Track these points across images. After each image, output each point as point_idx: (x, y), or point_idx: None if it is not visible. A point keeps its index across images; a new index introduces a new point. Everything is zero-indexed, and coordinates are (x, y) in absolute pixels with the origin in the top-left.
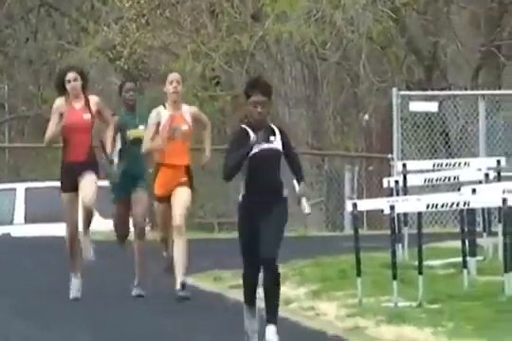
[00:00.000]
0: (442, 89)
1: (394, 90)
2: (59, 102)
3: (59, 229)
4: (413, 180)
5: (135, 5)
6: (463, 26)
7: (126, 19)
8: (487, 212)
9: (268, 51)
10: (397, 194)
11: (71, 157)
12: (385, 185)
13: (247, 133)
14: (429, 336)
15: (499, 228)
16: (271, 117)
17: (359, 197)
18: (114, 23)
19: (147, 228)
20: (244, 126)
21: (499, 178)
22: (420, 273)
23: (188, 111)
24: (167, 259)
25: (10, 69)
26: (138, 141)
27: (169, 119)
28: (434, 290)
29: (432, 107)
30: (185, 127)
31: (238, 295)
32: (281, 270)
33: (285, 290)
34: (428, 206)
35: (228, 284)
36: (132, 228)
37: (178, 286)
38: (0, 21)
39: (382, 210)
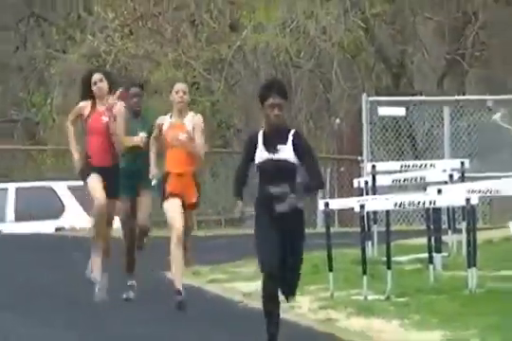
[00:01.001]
0: (409, 95)
1: (364, 96)
2: (83, 104)
3: (46, 227)
4: (382, 180)
5: (119, 16)
6: (428, 36)
7: (111, 29)
8: (452, 211)
9: (245, 60)
10: (367, 194)
11: (92, 162)
12: (355, 185)
13: (257, 140)
14: (397, 328)
15: (463, 226)
16: (247, 121)
17: (331, 196)
18: (99, 32)
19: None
20: (257, 132)
21: (462, 179)
22: (388, 268)
23: (191, 119)
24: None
25: (1, 75)
26: (137, 148)
27: (170, 127)
28: (402, 284)
29: (400, 112)
30: (183, 136)
31: (215, 288)
32: (255, 266)
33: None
34: (395, 205)
35: (206, 279)
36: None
37: (176, 293)
38: None
39: (353, 209)
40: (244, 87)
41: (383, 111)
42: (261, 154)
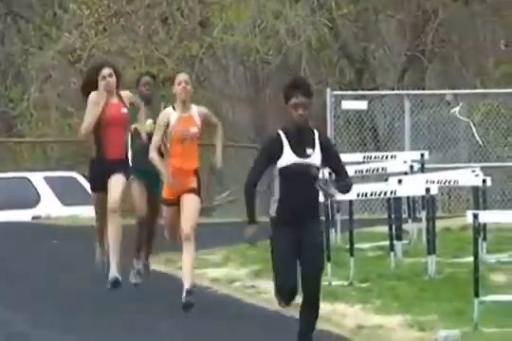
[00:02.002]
0: (371, 89)
1: (328, 90)
2: (95, 94)
3: (23, 216)
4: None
5: (93, 13)
6: (390, 33)
7: (85, 25)
8: (412, 200)
9: (215, 56)
10: None
11: (104, 155)
12: (320, 175)
13: (282, 141)
14: (359, 312)
15: (422, 215)
16: (216, 115)
17: None
18: (74, 29)
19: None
20: (279, 132)
21: (422, 170)
22: (351, 255)
23: (197, 112)
24: None
25: None
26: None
27: (178, 121)
28: (364, 270)
29: (362, 105)
30: (194, 129)
31: None
32: (224, 253)
33: (229, 270)
34: (358, 195)
35: (177, 265)
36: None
37: (184, 293)
38: None
39: None
40: (213, 83)
41: (346, 105)
42: (289, 158)
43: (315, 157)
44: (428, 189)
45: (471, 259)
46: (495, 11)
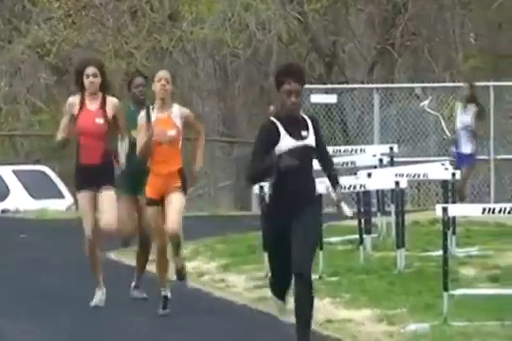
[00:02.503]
0: (340, 83)
1: None
2: (72, 100)
3: None
4: (314, 165)
5: (63, 6)
6: (360, 27)
7: (55, 19)
8: (381, 194)
9: (184, 49)
10: None
11: (85, 160)
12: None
13: (277, 127)
14: (328, 306)
15: (392, 208)
16: (185, 106)
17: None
18: (43, 23)
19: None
20: (272, 119)
21: (392, 163)
22: (321, 249)
23: (178, 113)
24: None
25: None
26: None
27: (155, 122)
28: (333, 264)
29: (332, 99)
30: (172, 132)
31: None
32: (193, 246)
33: (198, 264)
34: (327, 189)
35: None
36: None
37: (162, 303)
38: None
39: None
40: (182, 76)
41: (316, 98)
42: (286, 142)
43: (310, 138)
44: (397, 183)
45: (440, 252)
46: (464, 5)
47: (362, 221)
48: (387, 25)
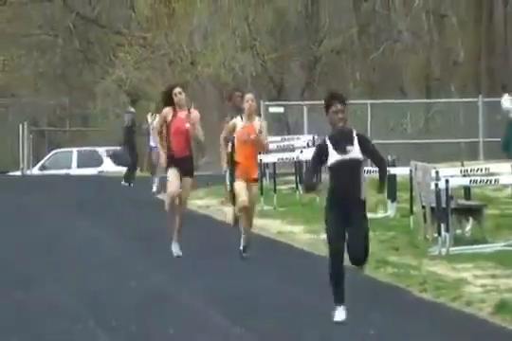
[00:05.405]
0: (285, 100)
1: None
2: (167, 110)
3: None
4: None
5: (132, 57)
6: (295, 70)
7: (128, 65)
8: (308, 161)
9: (199, 82)
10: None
11: (174, 152)
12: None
13: (327, 145)
14: (279, 224)
15: None
16: None
17: None
18: (122, 67)
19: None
20: (325, 138)
21: (314, 145)
22: (275, 192)
23: (258, 123)
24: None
25: None
26: None
27: (243, 128)
28: (282, 201)
29: (281, 110)
30: (253, 136)
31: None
32: (205, 191)
33: (206, 201)
34: (278, 159)
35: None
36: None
37: (241, 247)
38: None
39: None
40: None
41: (272, 109)
42: (333, 157)
43: (354, 152)
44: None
45: None
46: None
47: (297, 176)
48: (311, 68)
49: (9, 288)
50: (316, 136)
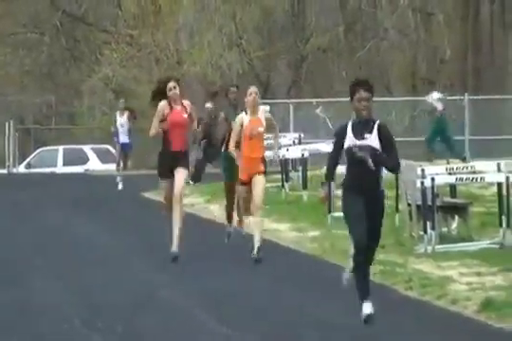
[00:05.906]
0: (271, 99)
1: None
2: (163, 104)
3: None
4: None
5: (118, 55)
6: (282, 68)
7: (114, 63)
8: (294, 160)
9: (184, 81)
10: None
11: (171, 147)
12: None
13: (346, 128)
14: (265, 222)
15: (300, 168)
16: None
17: None
18: (109, 64)
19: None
20: (348, 122)
21: (300, 143)
22: None
23: (262, 114)
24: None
25: None
26: None
27: (249, 122)
28: (268, 199)
29: (267, 108)
30: (260, 128)
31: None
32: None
33: (191, 199)
34: (267, 157)
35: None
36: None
37: (255, 250)
38: None
39: None
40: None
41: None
42: (349, 141)
43: (371, 140)
44: (303, 154)
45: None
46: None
47: (283, 175)
48: (297, 66)
49: (4, 286)
50: (302, 134)
